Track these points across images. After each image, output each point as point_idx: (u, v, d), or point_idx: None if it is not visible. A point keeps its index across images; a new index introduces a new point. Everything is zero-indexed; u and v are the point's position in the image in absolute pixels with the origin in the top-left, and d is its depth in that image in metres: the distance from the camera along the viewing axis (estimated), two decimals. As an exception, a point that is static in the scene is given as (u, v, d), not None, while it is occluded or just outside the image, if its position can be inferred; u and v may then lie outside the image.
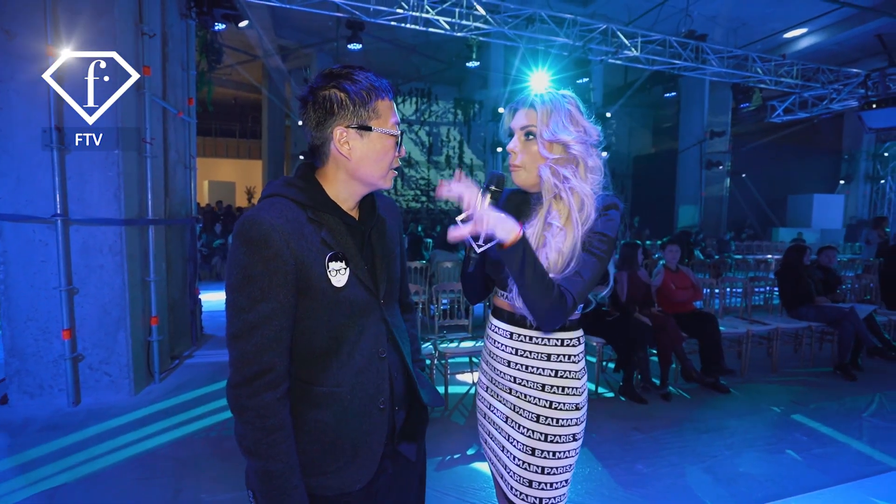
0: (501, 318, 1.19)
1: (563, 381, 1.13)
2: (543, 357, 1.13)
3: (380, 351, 0.99)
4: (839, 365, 4.04)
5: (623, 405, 3.38)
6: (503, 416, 1.17)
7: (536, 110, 1.10)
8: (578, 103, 1.13)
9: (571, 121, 1.09)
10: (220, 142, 19.36)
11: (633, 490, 2.34)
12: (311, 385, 0.94)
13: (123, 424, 2.92)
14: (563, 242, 1.05)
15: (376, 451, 0.98)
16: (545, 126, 1.08)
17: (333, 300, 0.91)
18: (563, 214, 1.07)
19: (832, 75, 9.57)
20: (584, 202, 1.07)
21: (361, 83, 0.90)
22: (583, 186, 1.08)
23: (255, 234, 0.85)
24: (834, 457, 2.69)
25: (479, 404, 1.28)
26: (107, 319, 3.21)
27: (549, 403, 1.12)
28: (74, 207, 3.08)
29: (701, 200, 12.99)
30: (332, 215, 0.94)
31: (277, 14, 9.92)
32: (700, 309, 4.07)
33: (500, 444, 1.18)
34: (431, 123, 16.00)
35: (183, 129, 4.41)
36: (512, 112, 1.16)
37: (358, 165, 0.93)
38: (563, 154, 1.09)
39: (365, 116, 0.91)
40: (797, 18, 9.90)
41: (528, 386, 1.14)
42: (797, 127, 12.64)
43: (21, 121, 2.96)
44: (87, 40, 2.99)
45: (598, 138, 1.13)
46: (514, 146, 1.14)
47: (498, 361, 1.19)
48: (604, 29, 7.53)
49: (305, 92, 0.92)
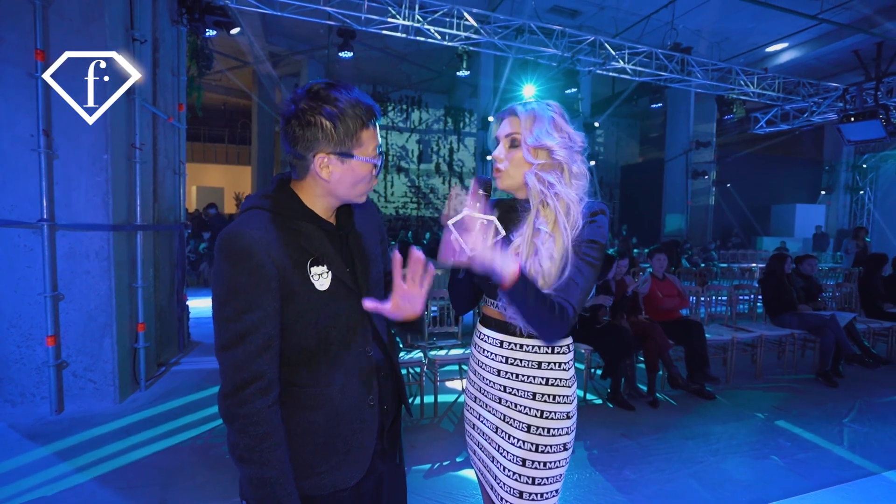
0: (490, 327, 1.19)
1: (554, 390, 1.13)
2: (534, 365, 1.13)
3: (367, 350, 1.01)
4: (821, 372, 4.13)
5: (611, 412, 3.42)
6: (493, 426, 1.17)
7: (520, 117, 1.12)
8: (563, 111, 1.15)
9: (555, 127, 1.11)
10: (208, 147, 19.19)
11: (620, 496, 2.36)
12: (302, 387, 0.96)
13: (108, 433, 2.87)
14: (554, 248, 1.06)
15: (368, 447, 1.00)
16: (529, 132, 1.10)
17: (318, 303, 0.94)
18: (549, 220, 1.08)
19: (812, 89, 9.85)
20: (570, 207, 1.08)
21: (348, 112, 0.90)
22: (568, 192, 1.09)
23: (237, 246, 0.87)
24: (816, 462, 2.75)
25: (468, 415, 1.27)
26: (92, 326, 3.17)
27: (539, 413, 1.11)
28: (61, 212, 3.05)
29: (687, 209, 13.21)
30: (309, 223, 0.96)
31: (269, 21, 9.94)
32: (686, 316, 4.13)
33: (489, 454, 1.18)
34: (422, 131, 16.08)
35: (172, 135, 4.40)
36: (498, 122, 1.18)
37: (335, 187, 0.95)
38: (547, 160, 1.10)
39: (349, 145, 0.92)
40: (778, 33, 10.20)
41: (519, 395, 1.13)
42: (780, 138, 12.96)
43: (6, 124, 2.93)
44: (77, 46, 2.98)
45: (583, 144, 1.14)
46: (498, 153, 1.15)
47: (487, 370, 1.18)
48: (592, 41, 7.67)
49: (291, 111, 0.91)
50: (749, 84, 9.23)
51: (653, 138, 17.72)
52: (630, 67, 8.10)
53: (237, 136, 19.43)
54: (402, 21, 6.47)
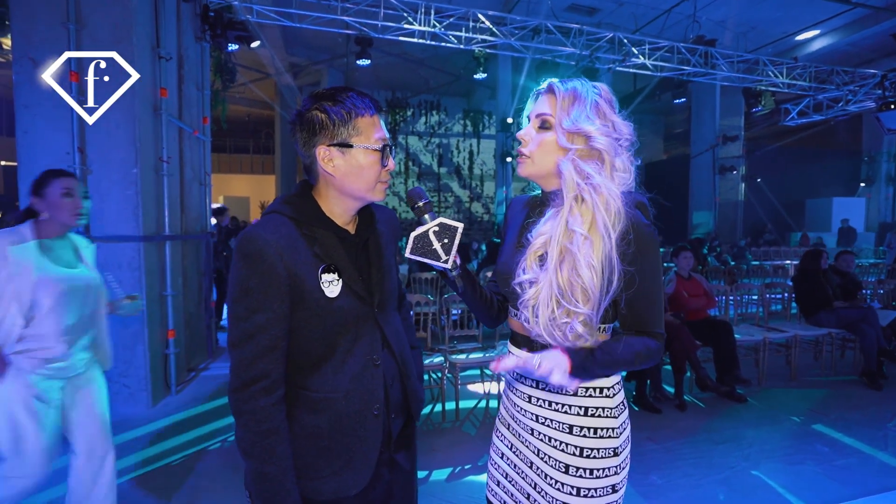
0: (521, 345, 1.02)
1: (596, 422, 0.94)
2: (568, 392, 0.94)
3: (374, 358, 1.01)
4: (865, 372, 3.92)
5: (636, 415, 3.33)
6: (527, 460, 1.01)
7: (557, 96, 0.95)
8: (612, 97, 0.98)
9: (598, 112, 0.94)
10: (234, 158, 19.79)
11: (647, 502, 2.30)
12: (307, 391, 0.97)
13: (141, 436, 2.98)
14: (593, 255, 0.88)
15: (371, 457, 0.99)
16: (565, 114, 0.94)
17: (327, 310, 0.95)
18: (586, 219, 0.90)
19: (847, 77, 9.41)
20: (609, 203, 0.90)
21: (342, 103, 0.94)
22: (609, 185, 0.91)
23: (251, 249, 0.90)
24: (857, 468, 2.62)
25: (497, 441, 1.11)
26: (125, 333, 3.30)
27: (579, 451, 0.94)
28: (95, 225, 3.19)
29: (715, 206, 12.80)
30: (324, 230, 0.98)
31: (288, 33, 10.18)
32: (714, 316, 4.00)
33: (523, 490, 1.02)
34: (441, 135, 16.15)
35: (198, 147, 4.55)
36: (534, 98, 1.02)
37: (343, 181, 0.97)
38: (584, 146, 0.93)
39: (346, 134, 0.94)
40: (809, 20, 9.80)
41: (553, 427, 0.96)
42: (813, 129, 12.43)
43: (45, 144, 3.10)
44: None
45: (631, 138, 0.97)
46: (524, 133, 1.00)
47: (518, 396, 1.03)
48: (611, 37, 7.55)
49: (294, 115, 0.98)
50: (778, 75, 8.89)
51: (677, 134, 17.29)
52: (651, 63, 7.93)
53: (261, 146, 19.97)
54: (418, 27, 6.53)
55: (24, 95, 3.06)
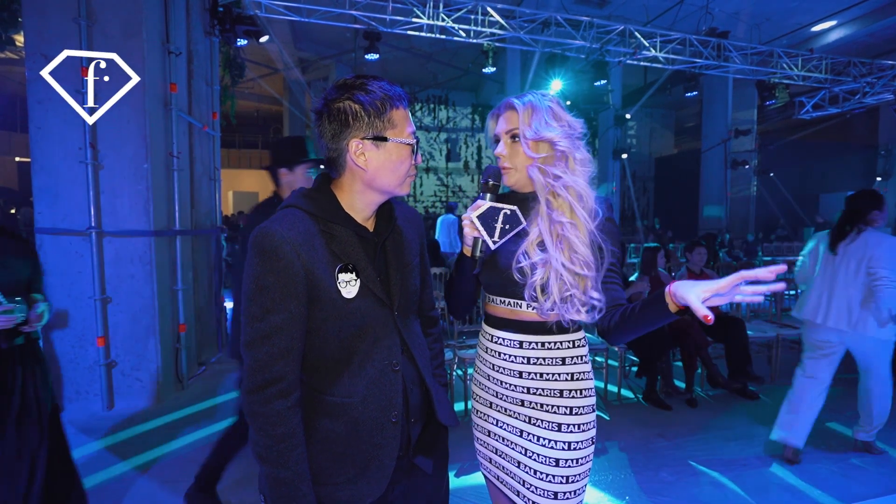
0: (504, 328, 1.14)
1: (580, 384, 1.12)
2: (558, 362, 1.11)
3: (393, 363, 0.97)
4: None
5: (646, 411, 3.31)
6: (516, 430, 1.13)
7: (518, 111, 1.10)
8: (559, 100, 1.14)
9: (554, 117, 1.09)
10: (243, 153, 19.87)
11: (657, 499, 2.29)
12: (323, 394, 0.94)
13: (153, 428, 3.02)
14: (579, 235, 1.06)
15: (388, 465, 0.96)
16: (527, 126, 1.08)
17: (343, 311, 0.91)
18: (566, 210, 1.07)
19: (864, 68, 9.19)
20: (581, 195, 1.08)
21: (376, 93, 0.89)
22: (576, 180, 1.08)
23: (267, 245, 0.87)
24: (874, 467, 2.58)
25: (479, 422, 1.22)
26: (137, 327, 3.34)
27: (569, 409, 1.09)
28: (107, 220, 3.22)
29: (726, 200, 12.63)
30: (343, 227, 0.94)
31: (297, 28, 10.18)
32: (726, 312, 3.95)
33: (513, 459, 1.14)
34: (449, 130, 16.09)
35: (208, 143, 4.57)
36: (495, 118, 1.16)
37: (375, 176, 0.93)
38: (549, 152, 1.09)
39: (380, 127, 0.90)
40: (825, 11, 9.58)
41: (545, 394, 1.10)
42: (829, 122, 12.17)
43: (58, 139, 3.13)
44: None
45: (582, 131, 1.14)
46: (501, 150, 1.14)
47: (505, 374, 1.14)
48: (621, 30, 7.43)
49: (320, 104, 0.91)
50: (793, 67, 8.71)
51: (688, 128, 17.06)
52: (662, 56, 7.80)
53: (270, 141, 20.02)
54: (426, 20, 6.48)
55: (38, 91, 3.08)
